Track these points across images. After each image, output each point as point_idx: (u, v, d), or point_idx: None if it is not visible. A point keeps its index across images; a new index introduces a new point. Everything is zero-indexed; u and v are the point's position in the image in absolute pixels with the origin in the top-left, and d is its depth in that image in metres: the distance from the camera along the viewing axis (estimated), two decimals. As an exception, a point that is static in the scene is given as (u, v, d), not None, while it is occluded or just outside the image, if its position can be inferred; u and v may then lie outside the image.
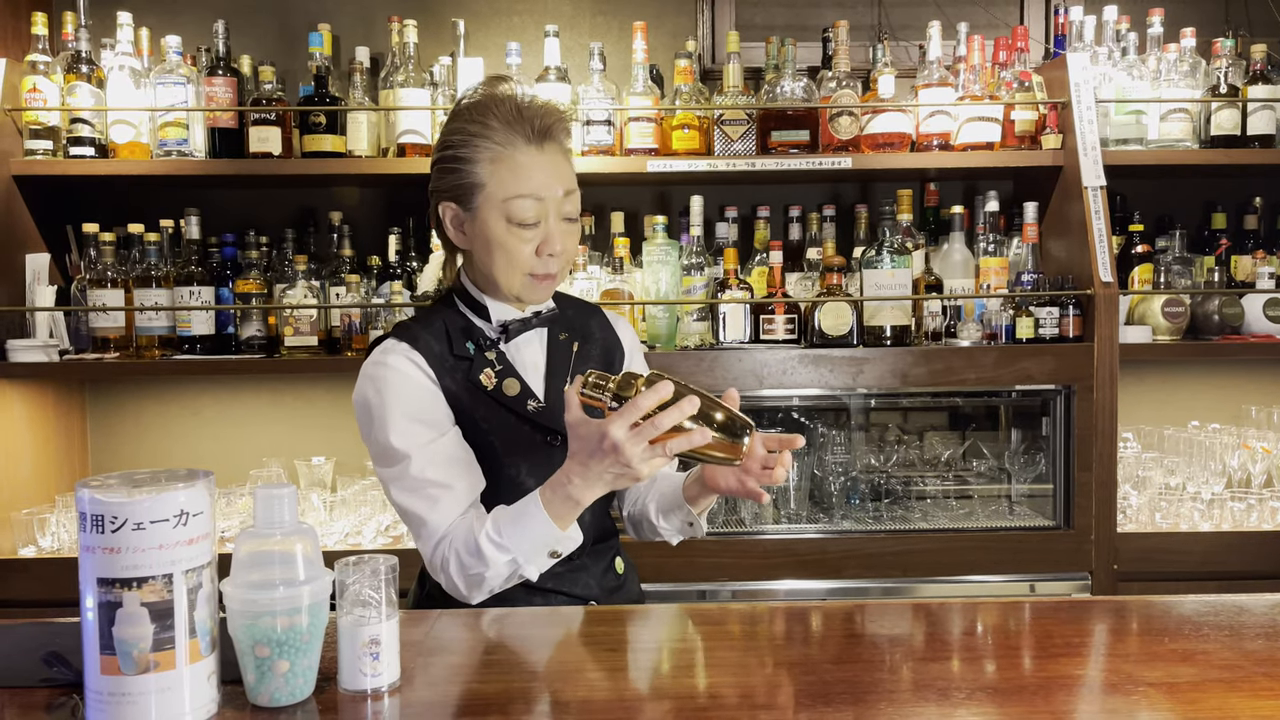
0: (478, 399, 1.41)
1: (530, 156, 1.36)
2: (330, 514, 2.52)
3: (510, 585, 1.34)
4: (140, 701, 0.91)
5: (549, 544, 1.29)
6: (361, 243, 2.73)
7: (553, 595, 1.43)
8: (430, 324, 1.44)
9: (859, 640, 1.20)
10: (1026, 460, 2.58)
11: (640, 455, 1.19)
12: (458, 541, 1.32)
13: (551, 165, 1.37)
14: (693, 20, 2.93)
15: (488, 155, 1.35)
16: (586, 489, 1.25)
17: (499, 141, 1.35)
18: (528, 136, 1.36)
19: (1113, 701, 1.00)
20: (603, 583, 1.49)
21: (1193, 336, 2.63)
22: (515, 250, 1.36)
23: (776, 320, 2.48)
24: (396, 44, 2.60)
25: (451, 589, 1.34)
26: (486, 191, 1.36)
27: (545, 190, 1.36)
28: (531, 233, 1.36)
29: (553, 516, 1.27)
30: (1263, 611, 1.25)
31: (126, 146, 2.53)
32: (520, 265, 1.38)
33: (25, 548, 2.47)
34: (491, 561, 1.29)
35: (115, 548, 0.90)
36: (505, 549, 1.28)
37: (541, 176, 1.36)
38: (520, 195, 1.34)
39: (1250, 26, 2.91)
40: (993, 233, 2.63)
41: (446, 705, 1.01)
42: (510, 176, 1.35)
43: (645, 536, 1.58)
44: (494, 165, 1.35)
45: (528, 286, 1.40)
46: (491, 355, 1.43)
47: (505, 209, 1.35)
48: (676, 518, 1.50)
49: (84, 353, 2.55)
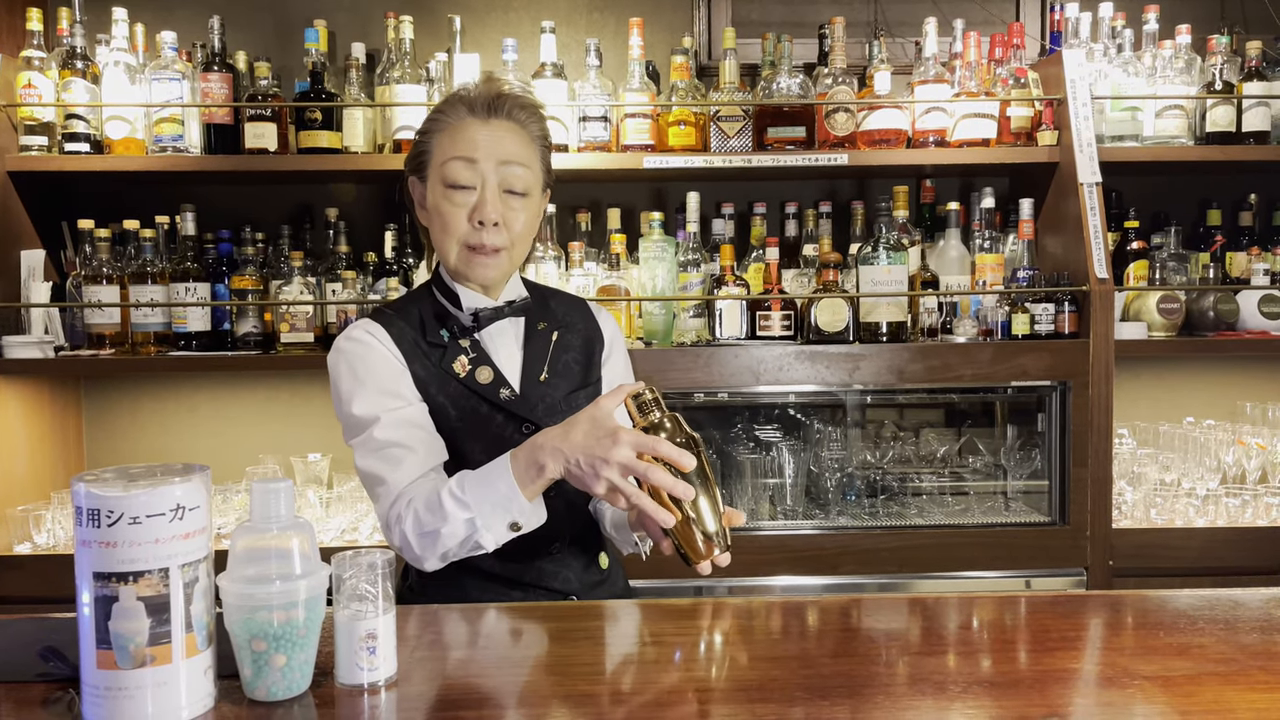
0: (448, 386, 1.41)
1: (472, 126, 1.40)
2: (327, 510, 2.52)
3: (466, 552, 1.29)
4: (137, 696, 0.91)
5: (510, 511, 1.25)
6: (358, 239, 2.73)
7: (532, 589, 1.43)
8: (405, 310, 1.46)
9: (855, 634, 1.20)
10: (1022, 456, 2.58)
11: (621, 462, 1.16)
12: (418, 500, 1.30)
13: (493, 134, 1.40)
14: (689, 16, 2.93)
15: (437, 126, 1.41)
16: (554, 458, 1.21)
17: (448, 114, 1.41)
18: (474, 109, 1.41)
19: (1108, 695, 1.01)
20: (584, 577, 1.48)
21: (1188, 333, 2.64)
22: (449, 215, 1.39)
23: (773, 316, 2.48)
24: (393, 40, 2.60)
25: (404, 548, 1.31)
26: (433, 159, 1.41)
27: (479, 153, 1.38)
28: (463, 196, 1.39)
29: (517, 479, 1.24)
30: (1258, 606, 1.26)
31: (122, 142, 2.53)
32: (454, 233, 1.39)
33: (21, 544, 2.46)
34: (450, 516, 1.26)
35: (111, 542, 0.90)
36: (466, 505, 1.25)
37: (479, 141, 1.39)
38: (454, 157, 1.38)
39: (1245, 23, 2.91)
40: (989, 229, 2.64)
41: (443, 699, 1.01)
42: (449, 141, 1.40)
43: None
44: (439, 135, 1.41)
45: (465, 259, 1.41)
46: (465, 343, 1.44)
47: (441, 172, 1.39)
48: (623, 535, 1.48)
49: (79, 349, 2.54)
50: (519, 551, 1.39)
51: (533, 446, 1.25)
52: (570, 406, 1.45)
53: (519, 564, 1.43)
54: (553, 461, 1.22)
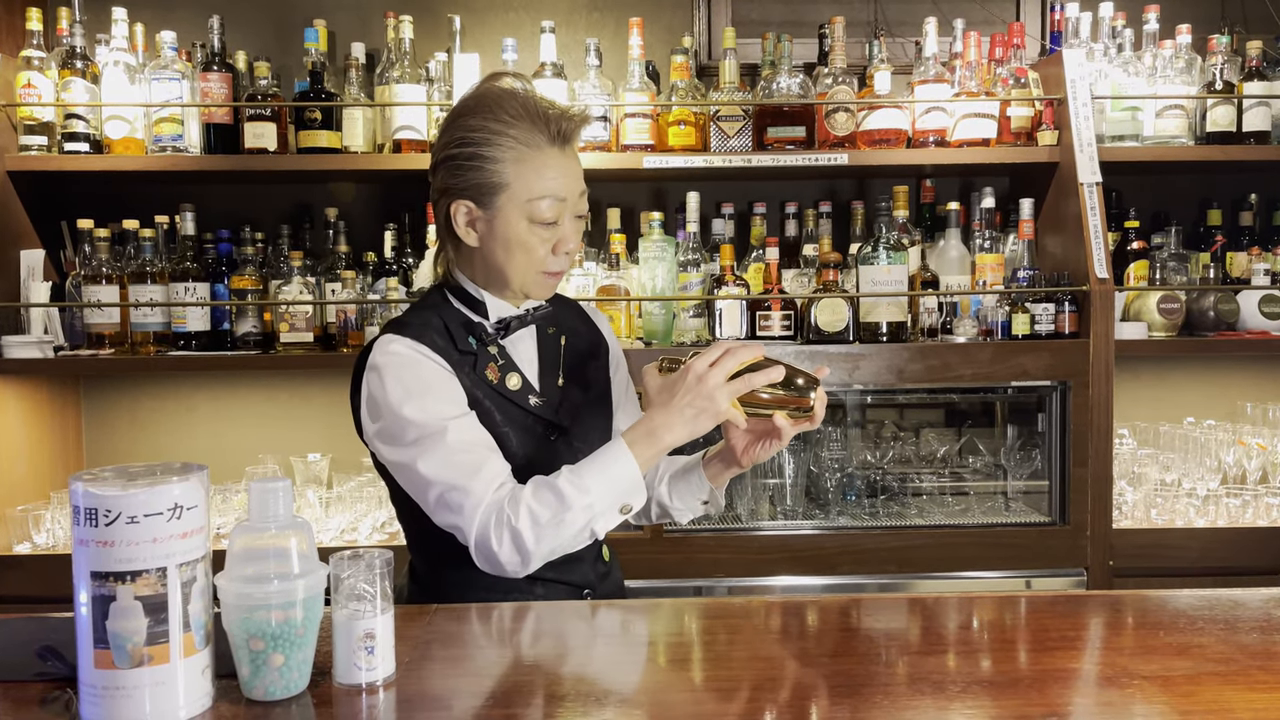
0: (487, 393, 1.41)
1: (554, 158, 1.38)
2: (326, 511, 2.52)
3: (574, 546, 1.31)
4: (134, 695, 0.91)
5: (626, 491, 1.29)
6: (357, 239, 2.73)
7: (553, 584, 1.44)
8: (427, 322, 1.42)
9: (855, 634, 1.20)
10: (1022, 456, 2.58)
11: (720, 385, 1.27)
12: (528, 496, 1.27)
13: (571, 166, 1.40)
14: (689, 16, 2.93)
15: (512, 155, 1.36)
16: (669, 430, 1.29)
17: (524, 141, 1.36)
18: (551, 138, 1.37)
19: (1108, 694, 1.00)
20: (595, 570, 1.51)
21: (1188, 333, 2.63)
22: (534, 249, 1.38)
23: (773, 316, 2.48)
24: (392, 40, 2.60)
25: (507, 554, 1.27)
26: (510, 191, 1.36)
27: (566, 191, 1.38)
28: (549, 232, 1.39)
29: (638, 459, 1.29)
30: (1258, 606, 1.26)
31: (121, 142, 2.53)
32: (537, 264, 1.40)
33: (20, 544, 2.46)
34: (572, 504, 1.26)
35: (109, 541, 0.90)
36: (587, 491, 1.26)
37: (563, 178, 1.38)
38: (545, 196, 1.36)
39: (1246, 23, 2.91)
40: (989, 229, 2.64)
41: (441, 698, 1.01)
42: (535, 177, 1.36)
43: (651, 519, 1.60)
44: (518, 165, 1.36)
45: (539, 283, 1.42)
46: (494, 350, 1.43)
47: (529, 209, 1.36)
48: (691, 495, 1.53)
49: (79, 349, 2.54)
50: None
51: (642, 426, 1.30)
52: (589, 412, 1.50)
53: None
54: (669, 433, 1.29)
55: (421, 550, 1.48)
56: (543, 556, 1.29)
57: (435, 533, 1.36)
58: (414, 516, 1.40)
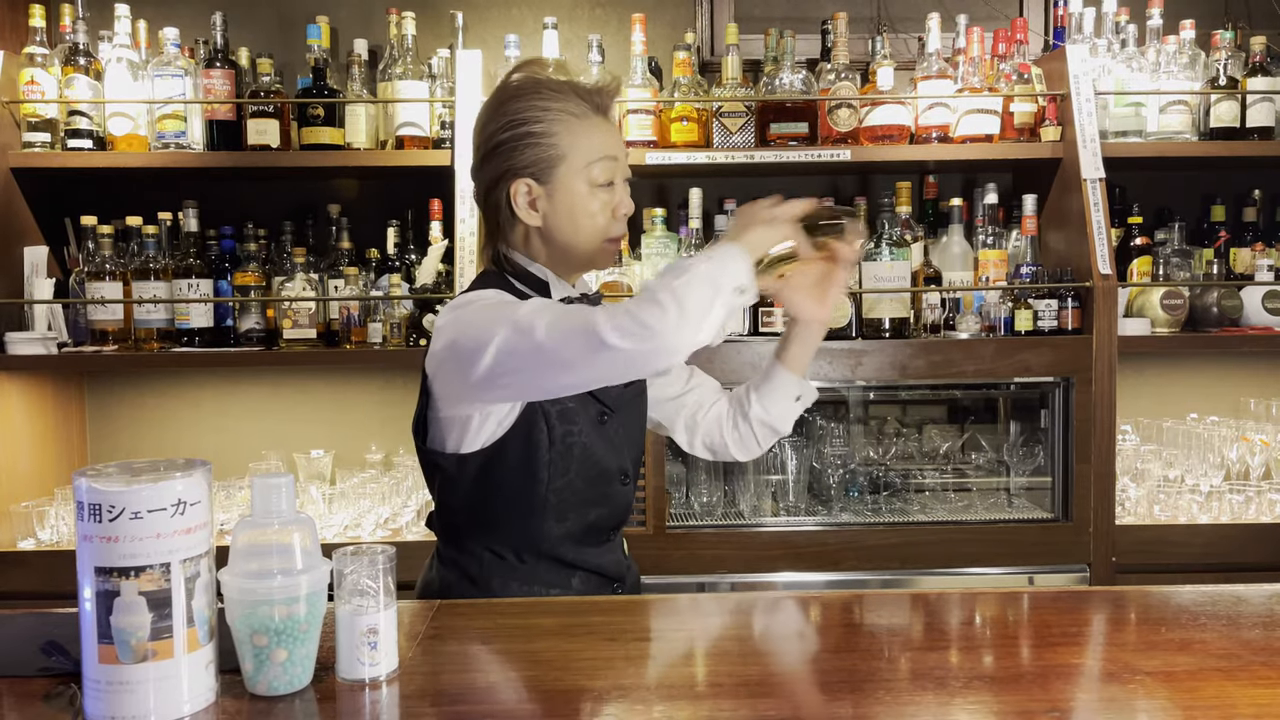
0: None
1: (601, 123, 1.43)
2: (329, 507, 2.52)
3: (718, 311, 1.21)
4: (138, 690, 0.91)
5: (718, 277, 1.21)
6: (360, 235, 2.72)
7: (590, 575, 1.46)
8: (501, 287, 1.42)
9: (857, 630, 1.20)
10: (1025, 452, 2.58)
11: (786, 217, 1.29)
12: (620, 303, 1.21)
13: (614, 129, 1.46)
14: (691, 12, 2.93)
15: (564, 127, 1.40)
16: (736, 238, 1.26)
17: (573, 113, 1.41)
18: (597, 107, 1.43)
19: (1110, 690, 1.00)
20: (622, 562, 1.53)
21: (1191, 329, 2.63)
22: (597, 213, 1.41)
23: (776, 313, 2.48)
24: (395, 36, 2.59)
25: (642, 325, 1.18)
26: (569, 162, 1.40)
27: (616, 150, 1.43)
28: (608, 194, 1.42)
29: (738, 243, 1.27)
30: (1260, 601, 1.26)
31: (124, 139, 2.53)
32: (600, 231, 1.42)
33: (24, 540, 2.47)
34: (685, 268, 1.20)
35: (113, 536, 0.90)
36: (693, 259, 1.22)
37: (613, 138, 1.44)
38: (600, 157, 1.40)
39: (1250, 18, 2.90)
40: (992, 225, 2.63)
41: (444, 694, 1.01)
42: (587, 143, 1.40)
43: (729, 455, 1.60)
44: (572, 136, 1.40)
45: (604, 251, 1.45)
46: None
47: (588, 173, 1.40)
48: (783, 397, 1.55)
49: (82, 345, 2.55)
50: (585, 535, 1.44)
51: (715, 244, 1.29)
52: (629, 396, 1.50)
53: (581, 548, 1.45)
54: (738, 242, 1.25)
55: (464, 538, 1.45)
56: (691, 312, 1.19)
57: (484, 520, 1.40)
58: (469, 506, 1.41)
